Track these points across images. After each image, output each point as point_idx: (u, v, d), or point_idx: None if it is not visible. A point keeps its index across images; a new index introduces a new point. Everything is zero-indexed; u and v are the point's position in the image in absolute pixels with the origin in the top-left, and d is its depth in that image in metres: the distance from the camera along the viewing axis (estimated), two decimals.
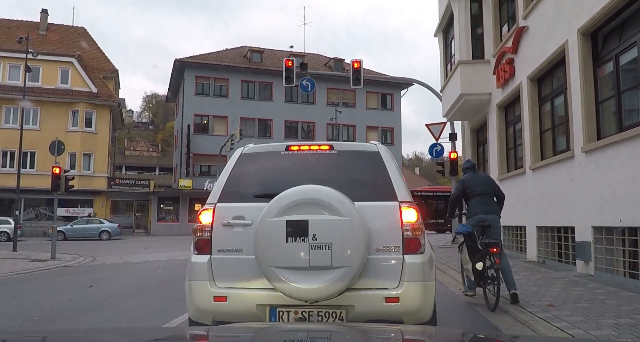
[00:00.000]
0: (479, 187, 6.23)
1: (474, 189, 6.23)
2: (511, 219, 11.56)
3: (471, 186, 6.26)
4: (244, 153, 3.91)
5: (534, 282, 7.05)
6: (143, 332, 2.05)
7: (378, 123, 40.14)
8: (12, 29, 34.68)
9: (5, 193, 28.02)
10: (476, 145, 15.73)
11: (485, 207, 6.12)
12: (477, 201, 6.16)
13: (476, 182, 6.28)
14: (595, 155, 7.49)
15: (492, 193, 6.30)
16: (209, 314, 3.44)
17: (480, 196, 6.16)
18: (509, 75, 11.23)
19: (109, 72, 36.10)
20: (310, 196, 3.28)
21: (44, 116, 31.69)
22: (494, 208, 6.23)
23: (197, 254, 3.53)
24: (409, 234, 3.39)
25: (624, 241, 6.80)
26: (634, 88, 6.89)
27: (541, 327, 4.45)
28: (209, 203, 3.61)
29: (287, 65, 16.16)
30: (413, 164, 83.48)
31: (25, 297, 7.59)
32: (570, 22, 8.24)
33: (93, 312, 6.03)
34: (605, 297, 5.68)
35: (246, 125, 35.75)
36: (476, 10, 13.61)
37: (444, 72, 16.28)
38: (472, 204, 6.24)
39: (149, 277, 10.22)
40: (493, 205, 6.23)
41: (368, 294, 3.31)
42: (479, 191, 6.18)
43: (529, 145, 10.27)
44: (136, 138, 75.84)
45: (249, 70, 37.27)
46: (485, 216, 6.05)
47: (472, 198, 6.24)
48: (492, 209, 6.18)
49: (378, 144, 3.95)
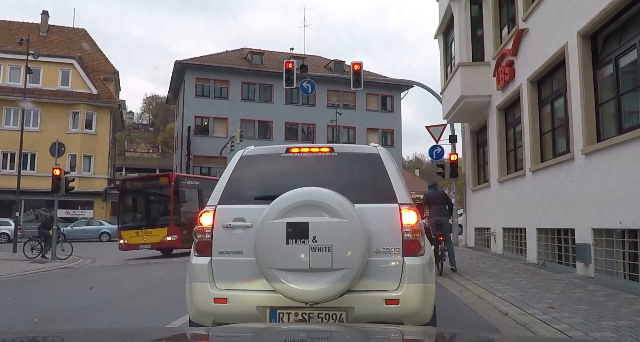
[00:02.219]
0: (437, 199, 9.22)
1: (433, 200, 9.20)
2: (511, 221, 11.58)
3: (432, 199, 9.22)
4: (245, 155, 3.92)
5: (534, 284, 7.05)
6: (143, 333, 2.06)
7: (378, 125, 40.15)
8: (12, 30, 34.73)
9: (6, 194, 28.03)
10: (476, 147, 15.75)
11: (440, 212, 9.07)
12: (435, 208, 9.11)
13: (435, 196, 9.28)
14: (595, 158, 7.50)
15: (444, 203, 9.24)
16: (210, 316, 3.44)
17: (436, 205, 9.11)
18: (509, 77, 11.25)
19: (110, 74, 36.14)
20: (311, 198, 3.29)
21: (45, 118, 31.72)
22: (445, 213, 9.18)
23: (198, 256, 3.54)
24: (409, 236, 3.40)
25: (624, 243, 6.81)
26: (633, 90, 6.91)
27: (541, 329, 4.46)
28: (209, 205, 3.63)
29: (287, 67, 16.18)
30: (413, 165, 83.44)
31: (25, 298, 7.59)
32: (570, 25, 8.26)
33: (93, 314, 6.04)
34: (605, 299, 5.69)
35: (246, 127, 35.75)
36: (476, 13, 13.64)
37: (444, 74, 16.31)
38: (432, 210, 9.21)
39: (149, 278, 10.22)
40: (445, 211, 9.18)
41: (368, 296, 3.32)
42: (436, 202, 9.15)
43: (529, 147, 10.28)
44: (136, 140, 75.85)
45: (249, 72, 37.31)
46: (440, 218, 9.02)
47: (432, 206, 9.19)
48: (444, 213, 9.15)
49: (378, 146, 3.96)
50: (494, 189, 13.07)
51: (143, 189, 17.89)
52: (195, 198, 17.52)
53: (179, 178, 17.71)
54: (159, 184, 17.24)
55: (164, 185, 16.81)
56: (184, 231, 16.13)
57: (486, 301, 6.06)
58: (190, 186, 17.93)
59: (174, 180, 16.79)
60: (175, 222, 16.28)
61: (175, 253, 17.28)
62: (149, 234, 16.21)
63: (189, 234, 14.72)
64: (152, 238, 16.17)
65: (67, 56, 33.13)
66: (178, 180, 17.14)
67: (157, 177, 18.39)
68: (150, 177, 19.85)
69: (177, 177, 17.33)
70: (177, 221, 16.35)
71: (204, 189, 17.27)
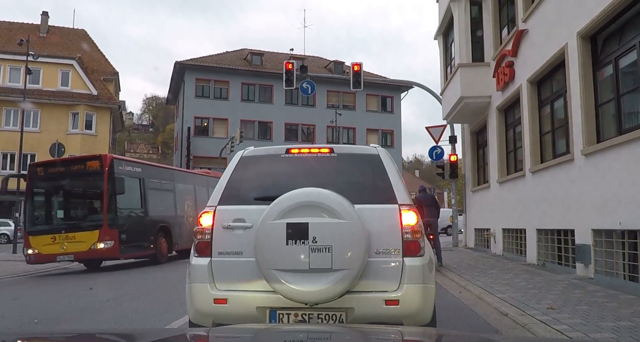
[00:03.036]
0: (427, 201, 10.39)
1: (424, 203, 10.27)
2: (511, 221, 11.58)
3: (422, 202, 10.27)
4: (245, 156, 3.92)
5: (534, 285, 7.05)
6: (143, 333, 2.06)
7: (378, 125, 40.17)
8: (12, 31, 34.74)
9: (6, 195, 27.97)
10: (476, 148, 15.75)
11: (430, 214, 10.09)
12: (425, 210, 9.97)
13: (425, 199, 10.48)
14: (595, 158, 7.50)
15: (434, 206, 10.42)
16: (209, 317, 3.45)
17: (427, 207, 10.13)
18: (509, 78, 11.25)
19: (110, 75, 36.14)
20: (311, 199, 3.29)
21: (45, 118, 31.72)
22: (435, 214, 10.34)
23: (198, 257, 3.55)
24: (408, 236, 3.40)
25: (624, 243, 6.81)
26: (633, 91, 6.91)
27: (541, 330, 4.46)
28: (209, 206, 3.63)
29: (287, 68, 16.19)
30: (413, 166, 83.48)
31: (25, 299, 7.59)
32: (570, 25, 8.26)
33: (93, 315, 6.03)
34: (605, 300, 5.69)
35: (246, 128, 35.76)
36: (476, 13, 13.65)
37: (444, 74, 16.31)
38: (422, 212, 9.89)
39: (149, 279, 10.22)
40: (434, 213, 10.32)
41: (368, 296, 3.32)
42: (427, 204, 10.25)
43: (529, 148, 10.29)
44: (136, 140, 75.90)
45: (249, 73, 37.33)
46: (430, 219, 9.96)
47: (423, 208, 10.03)
48: (433, 215, 10.25)
49: (378, 146, 3.97)
50: (493, 189, 13.07)
51: (63, 176, 12.62)
52: (137, 190, 13.27)
53: (116, 162, 12.68)
54: (86, 169, 12.34)
55: (95, 171, 12.18)
56: (122, 235, 12.09)
57: (486, 301, 6.06)
58: (132, 173, 13.16)
59: (108, 164, 12.16)
60: (111, 223, 11.91)
61: (106, 265, 13.54)
62: (72, 241, 11.70)
63: (129, 239, 12.43)
64: (77, 246, 11.66)
65: (67, 57, 33.14)
66: (115, 164, 12.41)
67: (84, 160, 12.80)
68: (75, 159, 13.61)
69: (113, 160, 12.50)
70: (113, 221, 11.99)
71: (147, 179, 13.66)
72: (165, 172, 15.68)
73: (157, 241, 13.56)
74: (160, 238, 13.74)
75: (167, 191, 14.80)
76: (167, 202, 14.70)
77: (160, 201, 14.35)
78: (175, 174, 16.01)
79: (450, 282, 8.12)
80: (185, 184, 15.84)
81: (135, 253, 13.06)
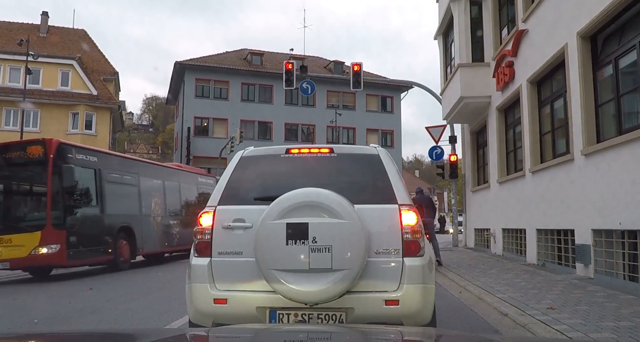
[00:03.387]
0: (424, 203, 10.42)
1: (420, 204, 9.97)
2: (511, 221, 11.58)
3: (419, 203, 9.93)
4: (244, 156, 3.93)
5: (534, 285, 7.05)
6: (143, 333, 2.06)
7: (378, 126, 40.16)
8: (12, 31, 34.72)
9: None
10: (476, 148, 15.75)
11: (426, 214, 9.91)
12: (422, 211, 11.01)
13: (422, 200, 10.60)
14: (595, 158, 7.50)
15: (430, 207, 10.78)
16: (209, 317, 3.45)
17: (424, 208, 9.97)
18: (509, 78, 11.25)
19: (110, 75, 36.12)
20: (310, 199, 3.29)
21: (44, 118, 31.70)
22: (431, 215, 10.68)
23: (198, 257, 3.55)
24: (408, 237, 3.40)
25: (624, 243, 6.81)
26: (633, 91, 6.91)
27: (541, 330, 4.46)
28: (209, 206, 3.63)
29: (287, 68, 16.20)
30: (413, 166, 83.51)
31: (25, 299, 7.59)
32: (569, 25, 8.26)
33: (93, 315, 6.03)
34: (605, 300, 5.69)
35: (246, 128, 35.75)
36: (476, 13, 13.65)
37: (444, 74, 16.32)
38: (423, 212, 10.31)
39: (149, 279, 10.21)
40: (431, 213, 10.65)
41: (368, 296, 3.32)
42: (423, 205, 10.16)
43: (529, 148, 10.29)
44: (136, 140, 75.93)
45: (249, 73, 37.32)
46: (426, 219, 11.11)
47: (423, 208, 9.87)
48: (429, 215, 10.44)
49: (378, 146, 3.97)
50: (493, 189, 13.08)
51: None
52: (91, 183, 11.29)
53: (64, 148, 10.64)
54: (27, 156, 10.36)
55: (37, 159, 10.23)
56: (71, 238, 10.22)
57: (486, 301, 6.06)
58: (85, 162, 11.12)
59: (54, 150, 10.21)
60: (56, 223, 10.03)
61: (56, 274, 11.53)
62: (7, 245, 9.86)
63: (81, 243, 10.53)
64: (13, 251, 9.81)
65: (66, 57, 33.12)
66: (62, 151, 10.46)
67: (24, 146, 10.71)
68: (13, 145, 11.13)
69: (59, 146, 10.46)
70: (60, 221, 10.09)
71: (104, 170, 11.70)
72: (128, 164, 13.42)
73: (117, 244, 11.73)
74: (120, 241, 11.90)
75: (130, 185, 12.86)
76: (130, 199, 12.73)
77: (122, 197, 12.37)
78: (140, 166, 13.83)
79: (450, 282, 8.12)
80: (152, 179, 14.05)
81: (89, 259, 11.18)
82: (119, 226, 11.93)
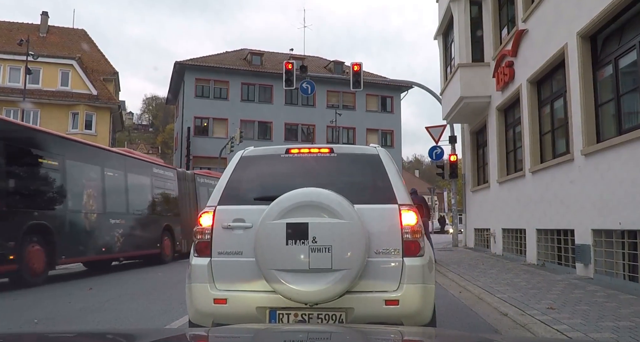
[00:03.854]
0: (418, 203, 10.17)
1: (420, 204, 10.52)
2: (511, 221, 11.58)
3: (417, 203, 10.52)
4: (244, 156, 3.93)
5: (534, 285, 7.05)
6: (143, 333, 2.06)
7: (378, 125, 40.16)
8: (12, 31, 34.72)
9: None
10: (476, 148, 15.75)
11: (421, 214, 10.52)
12: None
13: (416, 200, 10.27)
14: (595, 158, 7.50)
15: (424, 207, 11.16)
16: (209, 317, 3.45)
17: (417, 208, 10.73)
18: (509, 78, 11.25)
19: (109, 75, 36.12)
20: (310, 199, 3.29)
21: (44, 118, 31.68)
22: (425, 215, 10.98)
23: (198, 257, 3.55)
24: (408, 237, 3.40)
25: (624, 243, 6.81)
26: (633, 91, 6.91)
27: (541, 330, 4.46)
28: (209, 206, 3.63)
29: (287, 68, 16.21)
30: (413, 166, 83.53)
31: (24, 299, 7.58)
32: (569, 25, 8.26)
33: (93, 315, 6.03)
34: (605, 300, 5.69)
35: (246, 128, 35.75)
36: (476, 13, 13.66)
37: (443, 74, 16.32)
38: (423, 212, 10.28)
39: (149, 279, 10.22)
40: (425, 213, 10.90)
41: (368, 296, 3.32)
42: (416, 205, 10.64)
43: (529, 148, 10.29)
44: (136, 140, 75.93)
45: (249, 73, 37.32)
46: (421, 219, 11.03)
47: (423, 209, 10.49)
48: (424, 215, 10.69)
49: (378, 146, 3.97)
50: (493, 189, 13.08)
51: None
52: None
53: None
54: None
55: None
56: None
57: (486, 301, 6.06)
58: None
59: None
60: None
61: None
62: None
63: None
64: None
65: (66, 57, 33.12)
66: None
67: None
68: None
69: None
70: None
71: (8, 144, 8.55)
72: (49, 140, 9.90)
73: (25, 250, 8.58)
74: (30, 246, 8.73)
75: (50, 170, 9.68)
76: (48, 189, 9.68)
77: (35, 186, 9.42)
78: (67, 145, 10.44)
79: (450, 282, 8.12)
80: (87, 163, 10.86)
81: None
82: (27, 225, 8.73)
